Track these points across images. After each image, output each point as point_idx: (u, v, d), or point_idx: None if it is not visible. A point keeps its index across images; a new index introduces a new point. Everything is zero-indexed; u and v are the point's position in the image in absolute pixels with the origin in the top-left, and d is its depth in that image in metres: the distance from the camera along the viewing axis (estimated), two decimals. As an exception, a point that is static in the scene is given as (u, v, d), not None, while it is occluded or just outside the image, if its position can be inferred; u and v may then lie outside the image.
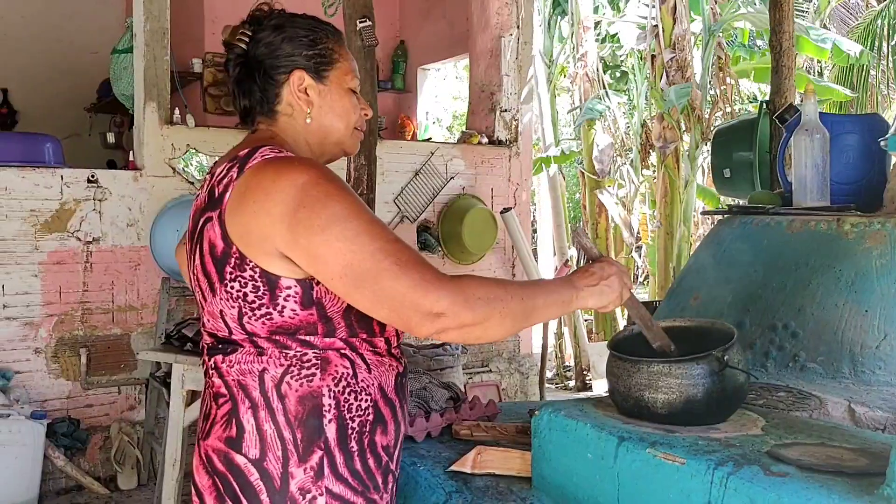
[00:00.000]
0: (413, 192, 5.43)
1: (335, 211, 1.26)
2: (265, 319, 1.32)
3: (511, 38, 5.94)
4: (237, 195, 1.31)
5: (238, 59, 1.46)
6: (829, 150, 2.26)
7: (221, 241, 1.32)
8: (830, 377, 1.91)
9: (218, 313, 1.36)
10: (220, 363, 1.37)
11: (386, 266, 1.24)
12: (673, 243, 7.32)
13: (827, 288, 2.04)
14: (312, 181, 1.28)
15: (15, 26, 6.63)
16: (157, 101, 4.56)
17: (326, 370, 1.33)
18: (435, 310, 1.24)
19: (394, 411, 1.42)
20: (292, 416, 1.32)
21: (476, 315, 1.26)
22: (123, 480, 4.38)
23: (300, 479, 1.31)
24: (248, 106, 1.48)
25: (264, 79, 1.44)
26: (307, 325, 1.32)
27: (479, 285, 1.29)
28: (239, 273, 1.31)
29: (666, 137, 7.09)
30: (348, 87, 1.49)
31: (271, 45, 1.43)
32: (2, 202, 4.16)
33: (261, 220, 1.28)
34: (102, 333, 4.44)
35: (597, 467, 1.53)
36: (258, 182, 1.30)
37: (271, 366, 1.33)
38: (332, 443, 1.33)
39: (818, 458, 1.33)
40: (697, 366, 1.50)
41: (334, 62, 1.47)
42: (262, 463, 1.32)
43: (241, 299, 1.32)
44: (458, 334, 1.28)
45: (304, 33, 1.45)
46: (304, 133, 1.46)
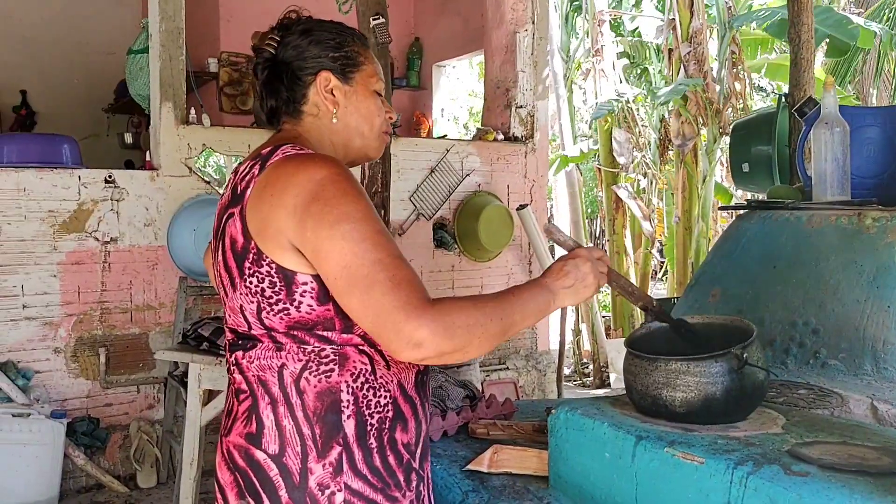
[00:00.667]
0: (429, 190, 5.42)
1: (347, 210, 1.27)
2: (283, 315, 1.32)
3: (526, 33, 5.91)
4: (257, 190, 1.33)
5: (266, 63, 1.49)
6: (849, 143, 2.23)
7: (241, 236, 1.34)
8: (852, 374, 1.88)
9: (238, 308, 1.37)
10: (241, 359, 1.38)
11: (380, 279, 1.24)
12: (691, 239, 7.28)
13: (848, 283, 2.00)
14: (331, 177, 1.29)
15: (33, 29, 6.68)
16: (173, 101, 4.57)
17: (345, 366, 1.34)
18: (414, 338, 1.22)
19: (414, 409, 1.42)
20: (311, 412, 1.32)
21: (455, 343, 1.25)
22: (143, 479, 4.40)
23: (319, 475, 1.31)
24: (275, 106, 1.50)
25: (291, 79, 1.46)
26: (324, 321, 1.32)
27: (460, 312, 1.27)
28: (257, 268, 1.32)
29: (684, 134, 7.04)
30: (373, 89, 1.51)
31: (299, 47, 1.46)
32: (20, 203, 4.18)
33: (277, 213, 1.29)
34: (121, 333, 4.46)
35: (614, 467, 1.51)
36: (277, 177, 1.32)
37: (290, 361, 1.33)
38: (351, 439, 1.33)
39: (840, 457, 1.30)
40: (716, 363, 1.48)
41: (360, 64, 1.50)
42: (282, 458, 1.32)
43: (259, 294, 1.33)
44: (436, 360, 1.27)
45: (330, 36, 1.48)
46: (328, 134, 1.48)
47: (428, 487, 1.47)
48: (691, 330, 1.65)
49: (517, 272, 5.89)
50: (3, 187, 4.15)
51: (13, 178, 4.17)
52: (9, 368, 4.11)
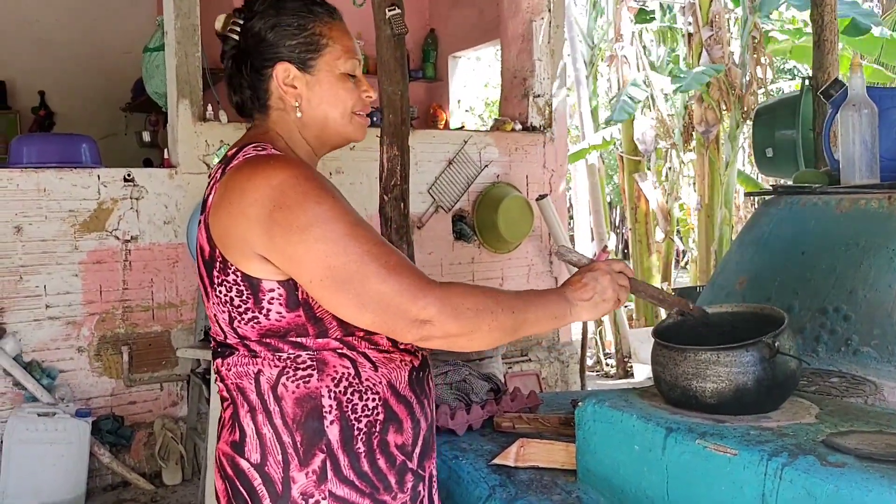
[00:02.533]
0: (447, 182, 5.39)
1: (315, 213, 1.22)
2: (253, 323, 1.28)
3: (542, 21, 5.85)
4: (218, 197, 1.29)
5: (231, 52, 1.40)
6: (877, 125, 2.18)
7: (207, 244, 1.30)
8: (885, 361, 1.84)
9: (213, 317, 1.35)
10: (220, 366, 1.36)
11: (373, 269, 1.20)
12: (714, 226, 7.21)
13: (879, 268, 1.96)
14: (288, 181, 1.23)
15: (50, 30, 6.72)
16: (190, 98, 4.57)
17: (324, 371, 1.29)
18: (421, 316, 1.20)
19: (410, 409, 1.37)
20: (290, 419, 1.29)
21: (462, 326, 1.22)
22: (168, 476, 4.42)
23: (302, 484, 1.28)
24: (241, 102, 1.42)
25: (252, 73, 1.38)
26: (296, 327, 1.28)
27: (469, 295, 1.24)
28: (224, 277, 1.28)
29: (708, 120, 6.96)
30: (340, 71, 1.40)
31: (257, 36, 1.37)
32: (41, 203, 4.20)
33: (237, 221, 1.25)
34: (143, 331, 4.48)
35: (644, 459, 1.48)
36: (235, 182, 1.27)
37: (266, 367, 1.30)
38: (336, 445, 1.29)
39: (877, 446, 1.27)
40: (747, 353, 1.45)
41: (322, 48, 1.38)
42: (264, 468, 1.29)
43: (228, 304, 1.29)
44: (442, 343, 1.24)
45: (289, 20, 1.37)
46: (297, 126, 1.40)
47: (430, 487, 1.43)
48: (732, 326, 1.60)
49: (538, 263, 5.86)
50: (24, 188, 4.16)
51: (33, 178, 4.19)
52: (33, 368, 4.14)
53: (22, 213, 4.15)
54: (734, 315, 1.67)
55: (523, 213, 5.52)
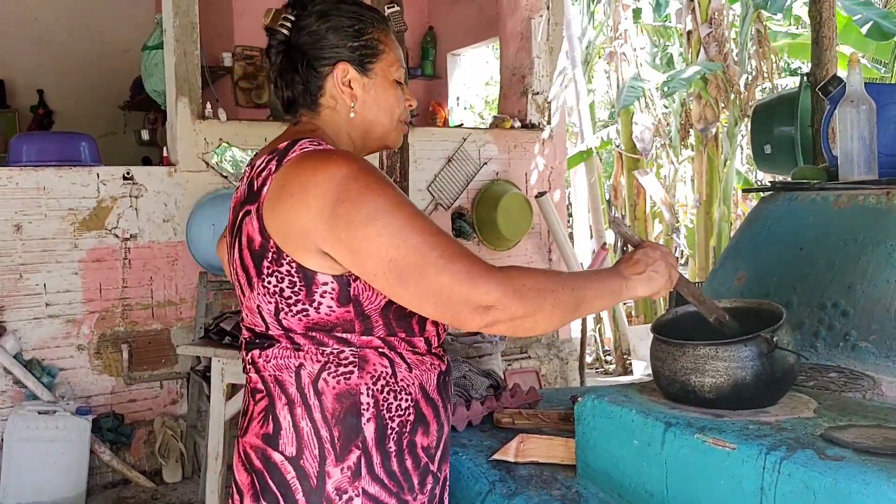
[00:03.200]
0: (446, 179, 5.39)
1: (377, 205, 1.22)
2: (301, 315, 1.29)
3: (541, 19, 5.86)
4: (275, 189, 1.28)
5: (280, 47, 1.42)
6: (875, 121, 2.18)
7: (259, 234, 1.29)
8: (884, 356, 1.84)
9: (255, 308, 1.33)
10: (258, 358, 1.35)
11: (432, 259, 1.21)
12: (712, 223, 7.22)
13: (878, 264, 1.96)
14: (352, 174, 1.24)
15: (49, 29, 6.73)
16: (189, 97, 4.57)
17: (364, 368, 1.30)
18: (485, 302, 1.20)
19: (436, 411, 1.39)
20: (329, 414, 1.29)
21: (527, 307, 1.22)
22: (168, 474, 4.42)
23: (337, 479, 1.28)
24: (291, 97, 1.44)
25: (307, 70, 1.40)
26: (344, 323, 1.29)
27: (528, 276, 1.25)
28: (276, 268, 1.28)
29: (706, 118, 6.96)
30: (393, 78, 1.45)
31: (315, 34, 1.39)
32: (41, 202, 4.20)
33: (300, 215, 1.25)
34: (143, 329, 4.48)
35: (643, 454, 1.49)
36: (296, 175, 1.27)
37: (308, 362, 1.30)
38: (371, 442, 1.30)
39: (875, 440, 1.28)
40: (745, 348, 1.45)
41: (380, 53, 1.43)
42: (299, 461, 1.29)
43: (277, 294, 1.29)
44: (508, 327, 1.24)
45: (349, 23, 1.40)
46: (346, 127, 1.43)
47: (443, 488, 1.44)
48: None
49: (537, 260, 5.87)
50: (24, 186, 4.17)
51: (33, 177, 4.19)
52: (34, 366, 4.14)
53: (21, 211, 4.16)
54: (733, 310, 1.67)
55: (522, 210, 5.53)
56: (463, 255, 1.23)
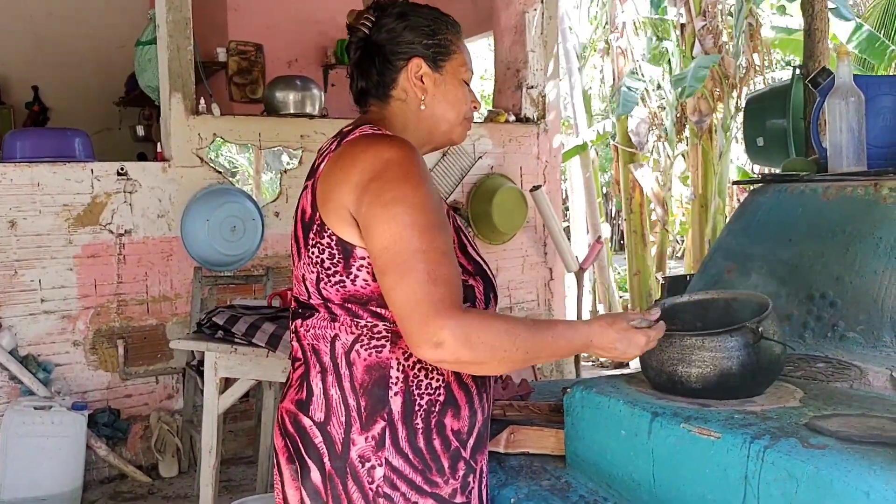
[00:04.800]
0: (441, 174, 5.40)
1: (404, 192, 1.28)
2: (339, 286, 1.35)
3: (535, 13, 5.86)
4: (330, 164, 1.38)
5: (359, 43, 1.51)
6: (864, 112, 2.19)
7: (310, 207, 1.38)
8: (871, 346, 1.86)
9: (301, 277, 1.41)
10: (300, 327, 1.43)
11: (419, 269, 1.24)
12: (707, 216, 7.23)
13: (865, 255, 1.97)
14: (397, 158, 1.32)
15: (43, 25, 6.72)
16: (183, 92, 4.57)
17: (397, 343, 1.35)
18: (434, 338, 1.22)
19: (469, 397, 1.42)
20: (358, 384, 1.35)
21: (474, 356, 1.24)
22: (164, 468, 4.43)
23: (361, 447, 1.33)
24: (364, 88, 1.52)
25: (383, 63, 1.48)
26: (378, 297, 1.33)
27: (484, 328, 1.25)
28: (319, 239, 1.36)
29: (701, 110, 6.97)
30: (462, 78, 1.53)
31: (393, 31, 1.48)
32: (35, 198, 4.20)
33: (341, 187, 1.33)
34: (138, 324, 4.49)
35: (631, 444, 1.50)
36: (349, 152, 1.36)
37: (343, 332, 1.36)
38: (396, 416, 1.34)
39: (859, 429, 1.29)
40: (731, 338, 1.47)
41: (451, 53, 1.51)
42: (326, 427, 1.36)
43: (319, 265, 1.36)
44: (452, 366, 1.30)
45: (425, 23, 1.50)
46: (414, 119, 1.50)
47: (480, 481, 1.46)
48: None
49: (532, 254, 5.88)
50: (18, 182, 4.17)
51: (27, 173, 4.19)
52: (29, 362, 4.15)
53: (16, 207, 4.16)
54: (721, 301, 1.69)
55: (517, 204, 5.54)
56: (445, 283, 1.25)
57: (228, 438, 4.54)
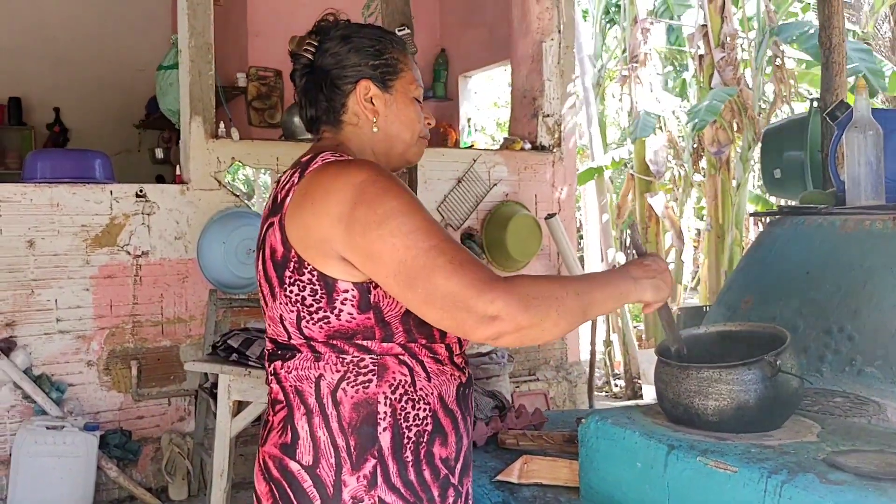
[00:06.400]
0: (456, 200, 5.41)
1: (392, 206, 1.26)
2: (323, 323, 1.31)
3: (552, 42, 5.90)
4: (297, 198, 1.32)
5: (304, 70, 1.48)
6: (882, 146, 2.18)
7: (281, 245, 1.33)
8: (889, 381, 1.84)
9: (278, 318, 1.37)
10: (280, 369, 1.38)
11: (440, 264, 1.22)
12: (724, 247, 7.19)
13: (884, 289, 1.96)
14: (369, 179, 1.28)
15: (66, 47, 6.81)
16: (203, 116, 4.61)
17: (383, 377, 1.32)
18: (489, 312, 1.20)
19: (455, 423, 1.39)
20: (346, 423, 1.31)
21: (532, 316, 1.22)
22: (174, 491, 4.42)
23: (353, 488, 1.30)
24: (315, 115, 1.49)
25: (330, 88, 1.45)
26: (364, 330, 1.31)
27: (533, 284, 1.26)
28: (297, 276, 1.31)
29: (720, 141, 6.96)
30: (413, 96, 1.50)
31: (337, 55, 1.45)
32: (54, 218, 4.24)
33: (320, 221, 1.28)
34: (152, 346, 4.50)
35: (646, 476, 1.49)
36: (318, 184, 1.31)
37: (328, 371, 1.32)
38: (387, 451, 1.31)
39: (877, 465, 1.27)
40: (749, 371, 1.46)
41: (399, 72, 1.48)
42: (316, 470, 1.31)
43: (299, 303, 1.32)
44: (514, 338, 1.23)
45: (369, 43, 1.46)
46: (369, 142, 1.47)
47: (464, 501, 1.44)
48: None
49: (546, 282, 5.85)
50: (37, 202, 4.21)
51: (47, 193, 4.23)
52: (43, 382, 4.16)
53: (35, 227, 4.20)
54: (738, 334, 1.68)
55: (532, 231, 5.53)
56: (472, 262, 1.25)
57: (239, 462, 4.52)
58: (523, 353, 5.69)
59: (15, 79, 6.65)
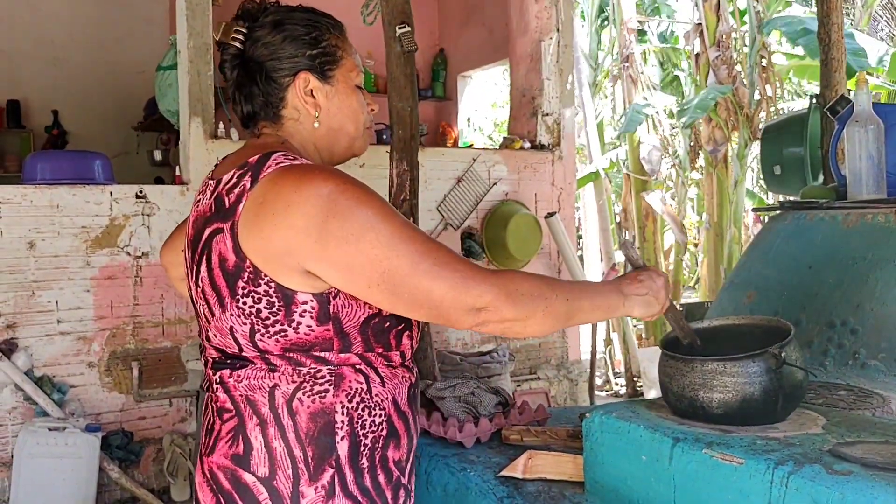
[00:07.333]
0: (456, 199, 5.41)
1: (367, 217, 1.20)
2: (279, 336, 1.26)
3: (551, 41, 5.90)
4: (252, 206, 1.24)
5: (234, 61, 1.38)
6: (884, 140, 2.19)
7: (234, 254, 1.25)
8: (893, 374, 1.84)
9: (227, 329, 1.29)
10: (227, 378, 1.31)
11: (425, 268, 1.21)
12: (723, 245, 7.21)
13: (886, 282, 1.97)
14: (338, 189, 1.21)
15: (64, 49, 6.81)
16: (202, 116, 4.62)
17: (340, 386, 1.28)
18: (478, 305, 1.22)
19: (407, 424, 1.38)
20: (303, 434, 1.27)
21: (518, 311, 1.23)
22: (176, 492, 4.42)
23: (311, 499, 1.27)
24: (252, 111, 1.40)
25: (266, 82, 1.36)
26: (323, 342, 1.27)
27: (523, 281, 1.26)
28: (252, 288, 1.25)
29: (716, 139, 6.98)
30: (355, 84, 1.42)
31: (271, 45, 1.36)
32: (54, 219, 4.24)
33: (283, 233, 1.21)
34: (153, 347, 4.50)
35: (651, 469, 1.49)
36: (276, 192, 1.23)
37: (283, 382, 1.27)
38: (344, 460, 1.28)
39: (883, 455, 1.27)
40: (754, 363, 1.45)
41: (339, 60, 1.40)
42: (272, 482, 1.27)
43: (253, 315, 1.26)
44: (497, 327, 1.25)
45: (305, 31, 1.37)
46: (312, 137, 1.40)
47: (412, 501, 1.43)
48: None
49: (546, 281, 5.85)
50: (38, 203, 4.21)
51: (47, 194, 4.23)
52: (44, 383, 4.16)
53: (35, 228, 4.20)
54: (742, 327, 1.68)
55: (532, 230, 5.54)
56: (455, 260, 1.24)
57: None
58: (524, 352, 5.70)
59: (13, 81, 6.65)
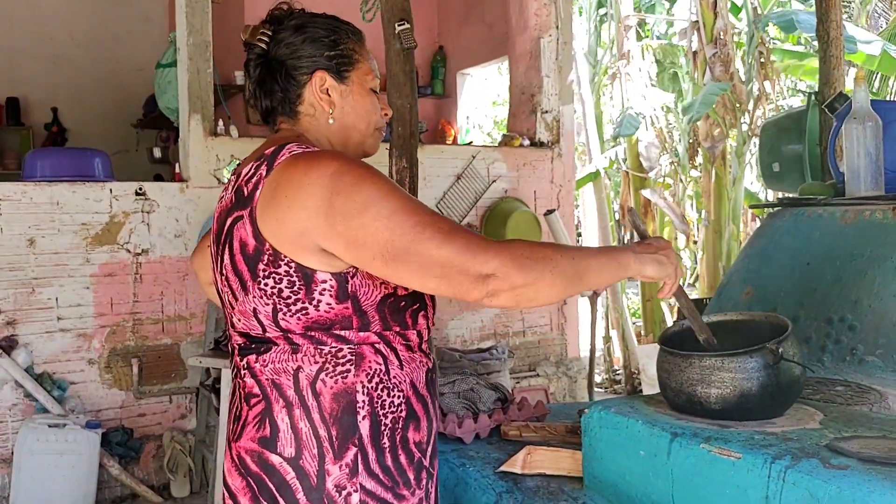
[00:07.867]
0: (455, 196, 5.42)
1: (370, 193, 1.26)
2: (301, 315, 1.32)
3: (550, 38, 5.90)
4: (268, 191, 1.31)
5: (258, 60, 1.47)
6: (882, 137, 2.20)
7: (253, 238, 1.32)
8: (890, 370, 1.85)
9: (251, 312, 1.35)
10: (254, 363, 1.37)
11: (428, 235, 1.24)
12: (721, 242, 7.20)
13: (884, 279, 1.97)
14: (343, 169, 1.28)
15: (63, 47, 6.81)
16: (202, 114, 4.62)
17: (360, 366, 1.34)
18: (484, 271, 1.23)
19: (426, 407, 1.42)
20: (327, 414, 1.32)
21: (527, 275, 1.24)
22: (176, 488, 4.43)
23: (336, 476, 1.31)
24: (270, 106, 1.49)
25: (286, 79, 1.45)
26: (342, 320, 1.32)
27: (528, 246, 1.27)
28: (273, 269, 1.31)
29: (713, 136, 6.97)
30: (369, 87, 1.50)
31: (292, 45, 1.44)
32: (54, 216, 4.25)
33: (296, 214, 1.28)
34: (153, 343, 4.51)
35: (650, 464, 1.50)
36: (289, 177, 1.30)
37: (306, 363, 1.33)
38: (366, 439, 1.33)
39: (880, 450, 1.28)
40: (751, 359, 1.46)
41: (355, 62, 1.48)
42: (298, 461, 1.32)
43: (275, 296, 1.32)
44: (509, 297, 1.25)
45: (324, 33, 1.46)
46: (326, 133, 1.47)
47: (435, 485, 1.47)
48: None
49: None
50: (38, 201, 4.21)
51: (47, 191, 4.24)
52: (45, 380, 4.17)
53: (35, 225, 4.20)
54: (740, 323, 1.69)
55: (531, 227, 5.54)
56: (460, 229, 1.27)
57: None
58: (523, 348, 5.71)
59: (13, 79, 6.65)
